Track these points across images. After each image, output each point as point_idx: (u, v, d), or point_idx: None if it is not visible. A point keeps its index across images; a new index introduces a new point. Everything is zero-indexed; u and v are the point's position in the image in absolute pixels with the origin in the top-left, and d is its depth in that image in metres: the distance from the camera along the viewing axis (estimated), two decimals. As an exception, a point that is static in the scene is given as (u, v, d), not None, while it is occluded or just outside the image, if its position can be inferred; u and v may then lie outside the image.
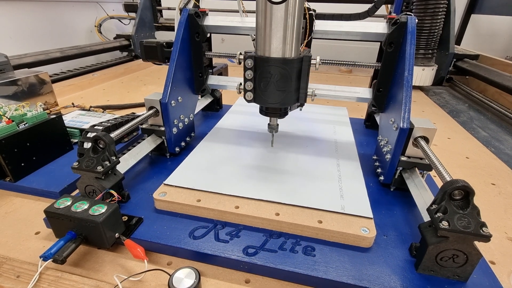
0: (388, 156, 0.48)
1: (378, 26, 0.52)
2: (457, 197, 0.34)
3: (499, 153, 0.72)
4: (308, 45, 0.53)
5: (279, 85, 0.43)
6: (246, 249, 0.38)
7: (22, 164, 0.52)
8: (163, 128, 0.56)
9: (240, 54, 0.44)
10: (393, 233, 0.42)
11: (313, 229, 0.40)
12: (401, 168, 0.49)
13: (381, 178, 0.51)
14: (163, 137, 0.58)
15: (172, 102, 0.55)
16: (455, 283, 0.35)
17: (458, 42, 1.67)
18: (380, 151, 0.53)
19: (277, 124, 0.53)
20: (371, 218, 0.41)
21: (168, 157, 0.60)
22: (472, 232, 0.31)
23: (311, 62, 0.44)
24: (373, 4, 0.45)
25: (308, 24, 0.51)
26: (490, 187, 0.58)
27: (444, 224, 0.32)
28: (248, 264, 0.37)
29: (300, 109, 0.56)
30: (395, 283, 0.34)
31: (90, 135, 0.47)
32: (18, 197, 0.51)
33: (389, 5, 1.55)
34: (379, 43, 0.55)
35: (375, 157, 0.57)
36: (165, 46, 0.58)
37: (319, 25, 0.54)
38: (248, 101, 0.45)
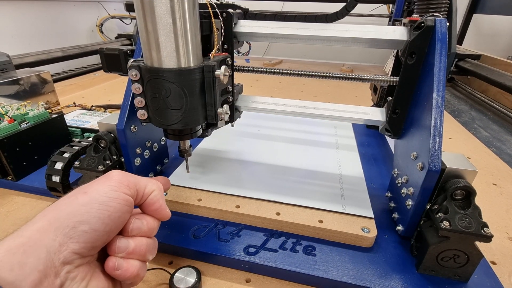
0: (410, 202, 0.38)
1: (395, 31, 0.40)
2: (459, 197, 0.34)
3: (500, 153, 0.72)
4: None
5: (171, 103, 0.33)
6: (246, 249, 0.38)
7: (24, 163, 0.53)
8: (122, 159, 0.45)
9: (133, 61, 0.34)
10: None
11: (313, 228, 0.40)
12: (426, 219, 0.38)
13: (399, 228, 0.40)
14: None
15: (133, 127, 0.44)
16: (456, 283, 0.35)
17: (460, 42, 1.66)
18: (397, 191, 0.43)
19: (190, 146, 0.43)
20: (372, 218, 0.41)
21: None
22: (473, 233, 0.31)
23: (216, 73, 0.34)
24: (344, 5, 0.40)
25: (223, 24, 0.40)
26: (492, 187, 0.58)
27: (445, 224, 0.32)
28: (248, 263, 0.37)
29: (232, 125, 0.48)
30: (395, 283, 0.34)
31: (57, 165, 0.43)
32: (20, 196, 0.51)
33: (390, 5, 1.55)
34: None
35: (388, 195, 0.47)
36: (130, 54, 0.47)
37: (246, 26, 0.43)
38: (143, 122, 0.36)
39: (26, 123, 0.54)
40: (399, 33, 0.40)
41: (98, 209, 0.23)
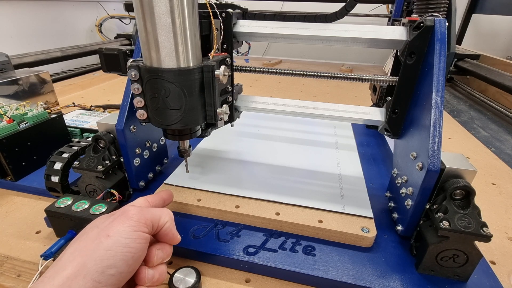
0: (409, 202, 0.37)
1: (395, 31, 0.40)
2: (458, 197, 0.34)
3: (499, 153, 0.72)
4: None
5: (171, 103, 0.33)
6: (246, 249, 0.38)
7: (23, 164, 0.52)
8: (121, 160, 0.45)
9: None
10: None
11: (313, 228, 0.40)
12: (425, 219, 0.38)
13: (399, 228, 0.40)
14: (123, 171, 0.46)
15: (132, 127, 0.43)
16: (455, 283, 0.35)
17: (459, 41, 1.67)
18: (396, 190, 0.42)
19: (189, 146, 0.42)
20: (372, 218, 0.41)
21: (131, 192, 0.48)
22: (472, 232, 0.31)
23: (215, 73, 0.34)
24: (343, 5, 0.40)
25: (222, 24, 0.40)
26: (491, 187, 0.58)
27: (445, 224, 0.32)
28: (248, 263, 0.37)
29: (232, 125, 0.48)
30: (395, 282, 0.34)
31: (57, 166, 0.43)
32: (19, 196, 0.51)
33: (389, 5, 1.55)
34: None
35: (388, 195, 0.47)
36: (129, 54, 0.46)
37: (245, 26, 0.43)
38: (142, 122, 0.36)
39: (25, 123, 0.54)
40: (398, 33, 0.40)
41: (122, 252, 0.24)
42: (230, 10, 0.40)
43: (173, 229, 0.31)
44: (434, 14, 0.39)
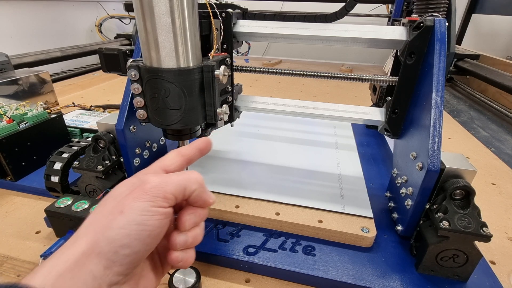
0: (409, 202, 0.37)
1: (395, 31, 0.40)
2: (458, 197, 0.34)
3: (499, 153, 0.72)
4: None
5: (171, 103, 0.33)
6: (246, 249, 0.38)
7: (23, 164, 0.52)
8: (121, 159, 0.45)
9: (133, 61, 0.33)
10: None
11: (313, 228, 0.40)
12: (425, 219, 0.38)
13: (399, 228, 0.40)
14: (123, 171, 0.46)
15: (132, 127, 0.43)
16: (455, 283, 0.35)
17: (459, 41, 1.67)
18: (396, 190, 0.42)
19: None
20: (372, 218, 0.41)
21: None
22: (472, 232, 0.31)
23: (215, 73, 0.33)
24: (343, 5, 0.40)
25: (222, 24, 0.40)
26: (491, 187, 0.58)
27: (445, 224, 0.32)
28: (248, 263, 0.37)
29: (232, 125, 0.49)
30: (395, 282, 0.34)
31: (56, 166, 0.43)
32: (19, 197, 0.51)
33: (389, 5, 1.55)
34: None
35: (388, 195, 0.47)
36: (129, 54, 0.46)
37: (245, 26, 0.43)
38: (142, 122, 0.36)
39: (25, 123, 0.54)
40: (398, 33, 0.40)
41: (137, 230, 0.23)
42: (230, 10, 0.40)
43: (204, 195, 0.28)
44: (434, 14, 0.39)
